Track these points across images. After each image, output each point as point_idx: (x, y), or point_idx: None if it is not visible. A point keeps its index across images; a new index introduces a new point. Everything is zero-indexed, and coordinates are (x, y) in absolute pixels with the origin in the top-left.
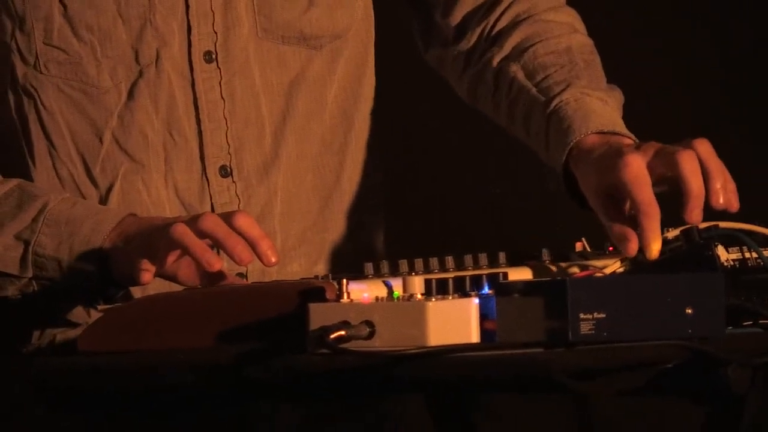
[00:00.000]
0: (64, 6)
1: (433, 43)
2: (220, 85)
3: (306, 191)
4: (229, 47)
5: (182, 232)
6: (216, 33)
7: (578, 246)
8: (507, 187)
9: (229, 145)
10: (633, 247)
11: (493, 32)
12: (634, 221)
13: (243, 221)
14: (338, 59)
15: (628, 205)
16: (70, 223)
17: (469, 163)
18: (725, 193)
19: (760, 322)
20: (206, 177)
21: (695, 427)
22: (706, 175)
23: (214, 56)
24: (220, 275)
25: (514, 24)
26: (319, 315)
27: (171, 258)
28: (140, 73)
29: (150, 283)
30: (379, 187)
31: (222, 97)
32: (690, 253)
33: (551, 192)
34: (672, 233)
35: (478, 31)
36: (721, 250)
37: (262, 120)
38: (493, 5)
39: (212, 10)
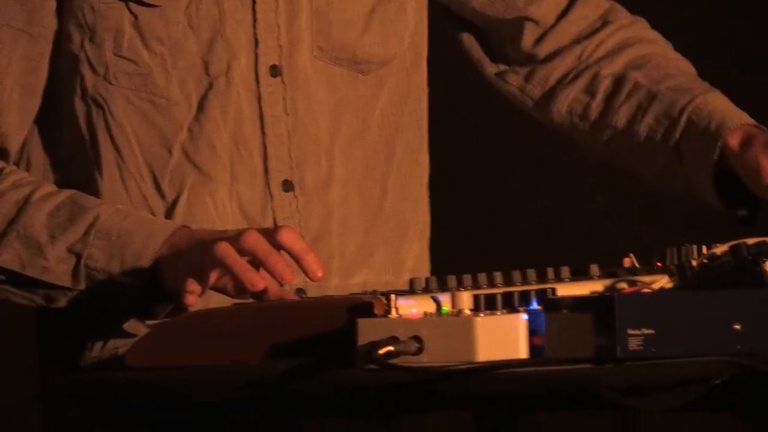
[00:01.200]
0: (135, 17)
1: (504, 69)
2: (284, 100)
3: (354, 215)
4: (293, 62)
5: (224, 251)
6: (281, 47)
7: (626, 261)
8: (555, 202)
9: (291, 159)
10: None
11: (596, 53)
12: None
13: (287, 236)
14: (383, 86)
15: None
16: (122, 236)
17: (517, 177)
18: None
19: None
20: (269, 191)
21: None
22: None
23: (278, 70)
24: (270, 291)
25: (626, 45)
26: (367, 330)
27: (214, 276)
28: (210, 85)
29: (195, 304)
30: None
31: (286, 112)
32: (738, 269)
33: (600, 209)
34: (720, 249)
35: (577, 52)
36: None
37: (318, 137)
38: (594, 32)
39: (278, 24)
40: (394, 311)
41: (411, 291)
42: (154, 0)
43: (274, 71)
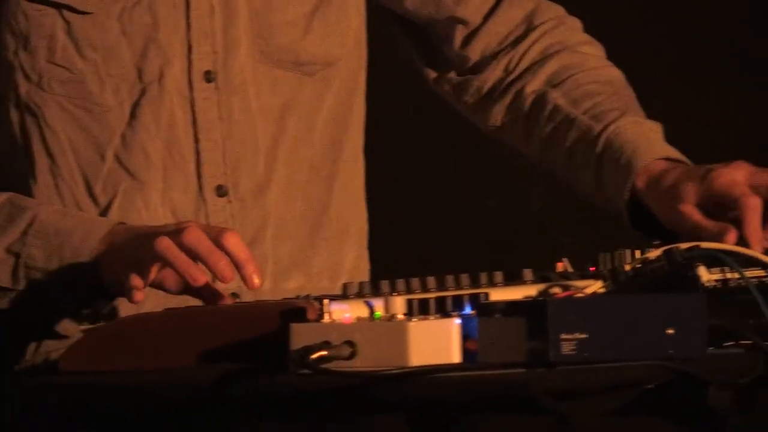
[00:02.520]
0: (68, 24)
1: (442, 74)
2: (218, 106)
3: (296, 218)
4: (228, 68)
5: (166, 246)
6: (216, 53)
7: (560, 266)
8: (488, 207)
9: (225, 165)
10: (732, 237)
11: (522, 65)
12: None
13: (231, 241)
14: (329, 87)
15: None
16: (60, 234)
17: (451, 182)
18: None
19: (742, 342)
20: (203, 196)
21: None
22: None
23: (213, 76)
24: (208, 287)
25: (548, 55)
26: (300, 335)
27: (155, 269)
28: (143, 92)
29: (142, 301)
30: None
31: (220, 118)
32: (672, 274)
33: (533, 212)
34: (654, 253)
35: (504, 63)
36: (702, 271)
37: (256, 142)
38: (518, 39)
39: (213, 30)
40: (327, 316)
41: (344, 296)
42: (87, 7)
43: (209, 77)
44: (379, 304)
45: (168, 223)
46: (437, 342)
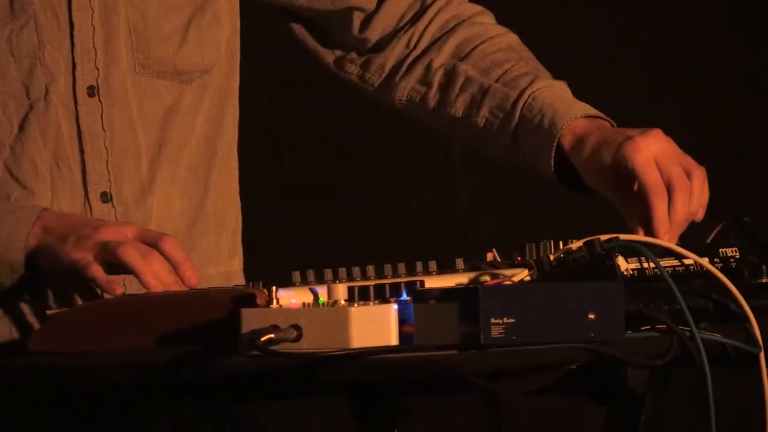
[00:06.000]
0: None
1: (341, 57)
2: (102, 118)
3: (175, 215)
4: (110, 81)
5: (98, 275)
6: (98, 68)
7: (489, 256)
8: (423, 201)
9: (109, 172)
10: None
11: (423, 40)
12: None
13: (168, 246)
14: (205, 92)
15: (636, 185)
16: None
17: (387, 178)
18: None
19: (657, 327)
20: (89, 203)
21: (598, 425)
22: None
23: (96, 90)
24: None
25: (449, 30)
26: (250, 319)
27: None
28: (30, 107)
29: (121, 292)
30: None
31: (103, 129)
32: (592, 263)
33: (463, 208)
34: (575, 244)
35: (404, 40)
36: (621, 261)
37: (138, 149)
38: (416, 17)
39: (94, 47)
40: (275, 302)
41: (290, 283)
42: None
43: (92, 91)
44: (322, 291)
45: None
46: (377, 326)
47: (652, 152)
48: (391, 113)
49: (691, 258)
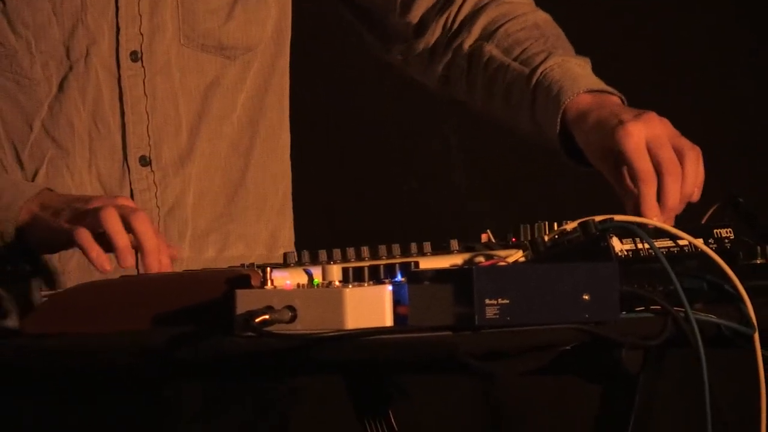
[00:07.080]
0: (3, 3)
1: (393, 43)
2: (144, 83)
3: (215, 188)
4: (153, 49)
5: (83, 237)
6: (142, 35)
7: (484, 237)
8: (419, 183)
9: (149, 137)
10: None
11: (457, 21)
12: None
13: (141, 227)
14: (248, 69)
15: (626, 170)
16: None
17: (385, 162)
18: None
19: (651, 307)
20: (127, 165)
21: (592, 405)
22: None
23: (139, 56)
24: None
25: (478, 10)
26: (245, 300)
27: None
28: (70, 68)
29: (111, 270)
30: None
31: (145, 94)
32: (587, 244)
33: (458, 189)
34: (570, 225)
35: (441, 22)
36: (615, 241)
37: (179, 118)
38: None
39: (140, 14)
40: (269, 283)
41: (285, 264)
42: None
43: (135, 56)
44: (317, 272)
45: (96, 194)
46: (371, 307)
47: (643, 137)
48: (386, 94)
49: (685, 239)
